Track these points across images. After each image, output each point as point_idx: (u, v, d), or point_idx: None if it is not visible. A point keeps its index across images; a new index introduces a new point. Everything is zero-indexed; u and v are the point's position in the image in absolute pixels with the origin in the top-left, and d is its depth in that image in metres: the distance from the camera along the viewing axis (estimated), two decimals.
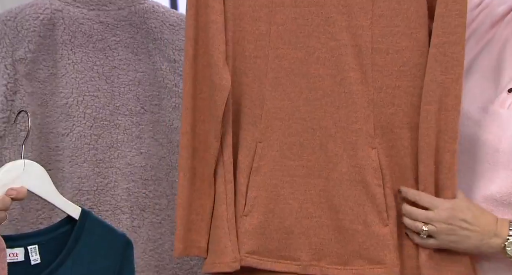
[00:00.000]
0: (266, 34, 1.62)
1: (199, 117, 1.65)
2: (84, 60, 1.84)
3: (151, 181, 1.88)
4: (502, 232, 1.54)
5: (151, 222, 1.87)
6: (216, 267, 1.61)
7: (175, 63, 1.91)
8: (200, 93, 1.65)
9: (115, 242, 1.52)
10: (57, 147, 1.82)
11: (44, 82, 1.82)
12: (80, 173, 1.82)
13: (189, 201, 1.63)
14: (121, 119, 1.86)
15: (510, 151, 1.57)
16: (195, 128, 1.65)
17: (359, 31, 1.60)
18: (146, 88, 1.89)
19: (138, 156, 1.87)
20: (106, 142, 1.85)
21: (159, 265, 1.87)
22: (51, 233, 1.50)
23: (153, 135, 1.89)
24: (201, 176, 1.64)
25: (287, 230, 1.61)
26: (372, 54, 1.60)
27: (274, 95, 1.62)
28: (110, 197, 1.84)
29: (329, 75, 1.61)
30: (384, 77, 1.61)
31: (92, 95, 1.84)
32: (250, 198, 1.62)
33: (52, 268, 1.46)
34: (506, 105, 1.60)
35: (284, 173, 1.61)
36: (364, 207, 1.59)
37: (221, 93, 1.61)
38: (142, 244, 1.85)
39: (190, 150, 1.64)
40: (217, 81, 1.61)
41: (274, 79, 1.62)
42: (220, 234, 1.60)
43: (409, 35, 1.60)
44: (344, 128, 1.60)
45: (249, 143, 1.63)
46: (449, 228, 1.54)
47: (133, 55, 1.88)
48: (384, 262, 1.58)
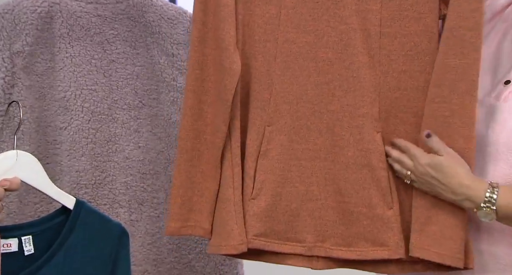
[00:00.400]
0: (276, 17, 1.62)
1: (206, 100, 1.64)
2: (82, 54, 1.84)
3: (149, 175, 1.88)
4: (476, 197, 1.54)
5: (149, 216, 1.87)
6: (222, 249, 1.61)
7: (174, 57, 1.90)
8: (207, 76, 1.64)
9: (110, 232, 1.52)
10: (55, 140, 1.82)
11: (42, 76, 1.81)
12: (78, 167, 1.82)
13: (190, 182, 1.63)
14: (119, 113, 1.86)
15: (506, 144, 1.57)
16: (200, 111, 1.64)
17: (369, 15, 1.61)
18: (144, 82, 1.89)
19: (136, 150, 1.87)
20: (104, 136, 1.85)
21: (157, 259, 1.87)
22: (46, 223, 1.50)
23: (151, 129, 1.89)
24: (207, 159, 1.63)
25: (294, 212, 1.62)
26: (381, 38, 1.61)
27: (283, 79, 1.62)
28: (108, 191, 1.84)
29: (338, 59, 1.62)
30: (391, 61, 1.61)
31: (90, 88, 1.84)
32: (258, 181, 1.62)
33: (45, 258, 1.47)
34: (502, 98, 1.60)
35: (292, 157, 1.62)
36: (369, 190, 1.60)
37: (231, 78, 1.61)
38: (140, 238, 1.85)
39: (191, 132, 1.64)
40: (228, 65, 1.61)
41: (283, 63, 1.62)
42: (227, 217, 1.60)
43: (418, 20, 1.61)
44: (351, 112, 1.61)
45: (257, 127, 1.64)
46: (425, 181, 1.57)
47: (131, 49, 1.88)
48: (387, 244, 1.59)
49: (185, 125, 1.64)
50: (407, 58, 1.61)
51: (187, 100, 1.64)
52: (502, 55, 1.66)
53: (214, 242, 1.63)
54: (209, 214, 1.63)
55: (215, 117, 1.63)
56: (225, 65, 1.61)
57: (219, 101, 1.63)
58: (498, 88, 1.63)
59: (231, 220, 1.60)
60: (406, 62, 1.61)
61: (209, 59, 1.64)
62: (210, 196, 1.63)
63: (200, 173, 1.63)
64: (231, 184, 1.61)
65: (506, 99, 1.60)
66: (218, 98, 1.63)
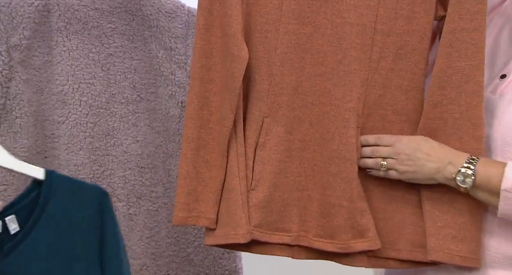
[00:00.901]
0: (278, 8, 1.62)
1: (211, 89, 1.63)
2: (80, 47, 1.83)
3: (147, 169, 1.88)
4: (457, 162, 1.55)
5: (147, 210, 1.87)
6: (230, 238, 1.60)
7: (172, 51, 1.90)
8: (213, 64, 1.63)
9: (88, 195, 1.50)
10: (53, 134, 1.82)
11: (40, 69, 1.81)
12: (76, 161, 1.82)
13: (195, 172, 1.62)
14: (117, 107, 1.86)
15: (502, 138, 1.57)
16: (206, 100, 1.63)
17: (366, 11, 1.61)
18: (142, 76, 1.88)
19: (135, 144, 1.86)
20: (102, 130, 1.85)
21: (155, 253, 1.87)
22: (24, 199, 1.48)
23: (149, 123, 1.88)
24: (211, 148, 1.63)
25: (284, 202, 1.62)
26: (375, 34, 1.62)
27: (282, 70, 1.62)
28: (107, 185, 1.84)
29: (332, 52, 1.62)
30: (381, 59, 1.62)
31: (87, 82, 1.83)
32: (256, 172, 1.62)
33: (25, 231, 1.46)
34: (498, 92, 1.60)
35: (286, 148, 1.62)
36: (351, 184, 1.60)
37: (239, 65, 1.60)
38: (138, 231, 1.85)
39: (197, 121, 1.63)
40: (236, 53, 1.60)
41: (283, 54, 1.62)
42: (235, 207, 1.60)
43: (412, 19, 1.62)
44: (339, 107, 1.62)
45: (256, 118, 1.63)
46: (406, 158, 1.57)
47: (129, 43, 1.88)
48: (367, 236, 1.60)
49: (191, 114, 1.63)
50: (397, 57, 1.62)
51: (193, 88, 1.63)
52: (499, 49, 1.66)
53: (221, 232, 1.62)
54: (214, 204, 1.62)
55: (221, 106, 1.62)
56: (233, 53, 1.61)
57: (226, 89, 1.62)
58: (494, 82, 1.63)
59: (238, 209, 1.59)
60: (395, 60, 1.62)
61: (215, 47, 1.63)
62: (216, 186, 1.62)
63: (205, 163, 1.62)
64: (237, 174, 1.61)
65: (502, 93, 1.60)
66: (224, 86, 1.62)
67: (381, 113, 1.63)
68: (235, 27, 1.60)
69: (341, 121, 1.61)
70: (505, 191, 1.50)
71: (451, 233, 1.58)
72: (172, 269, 1.88)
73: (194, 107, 1.63)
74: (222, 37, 1.62)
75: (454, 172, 1.54)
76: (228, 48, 1.61)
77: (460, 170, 1.54)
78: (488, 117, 1.60)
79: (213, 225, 1.62)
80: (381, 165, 1.60)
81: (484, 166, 1.54)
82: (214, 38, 1.63)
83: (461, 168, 1.54)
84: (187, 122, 1.63)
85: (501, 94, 1.60)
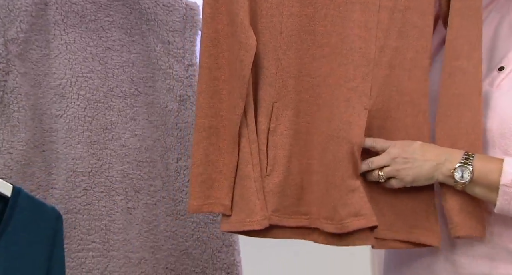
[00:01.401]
0: None
1: (220, 77, 1.62)
2: (77, 41, 1.83)
3: (145, 163, 1.87)
4: (454, 158, 1.55)
5: (146, 204, 1.87)
6: (246, 225, 1.59)
7: (169, 45, 1.90)
8: (221, 52, 1.62)
9: (46, 216, 1.52)
10: (51, 128, 1.81)
11: (37, 63, 1.81)
12: (74, 155, 1.81)
13: (208, 160, 1.62)
14: (115, 101, 1.85)
15: (499, 131, 1.57)
16: (216, 88, 1.63)
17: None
18: (140, 70, 1.88)
19: (133, 138, 1.86)
20: (100, 124, 1.84)
21: (154, 246, 1.86)
22: None
23: (147, 117, 1.88)
24: (223, 136, 1.62)
25: (298, 186, 1.62)
26: (379, 12, 1.61)
27: (289, 53, 1.62)
28: (105, 179, 1.83)
29: (335, 32, 1.61)
30: (386, 37, 1.61)
31: (85, 76, 1.83)
32: (270, 158, 1.62)
33: None
34: (495, 84, 1.60)
35: (296, 131, 1.62)
36: (343, 163, 1.59)
37: (247, 52, 1.59)
38: (137, 225, 1.85)
39: (208, 110, 1.62)
40: (244, 40, 1.59)
41: (288, 38, 1.61)
42: (249, 193, 1.59)
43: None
44: (341, 86, 1.61)
45: (267, 104, 1.63)
46: (403, 161, 1.57)
47: (127, 36, 1.87)
48: (361, 214, 1.58)
49: (201, 102, 1.62)
50: (399, 34, 1.61)
51: (202, 77, 1.62)
52: (498, 42, 1.66)
53: (236, 219, 1.61)
54: (229, 190, 1.61)
55: (230, 94, 1.62)
56: (241, 40, 1.60)
57: (235, 77, 1.61)
58: (492, 75, 1.62)
59: (253, 196, 1.59)
60: (398, 38, 1.61)
61: (222, 35, 1.62)
62: (229, 173, 1.62)
63: (218, 150, 1.62)
64: (250, 160, 1.60)
65: (499, 86, 1.60)
66: (233, 74, 1.62)
67: (387, 93, 1.62)
68: (242, 15, 1.59)
69: (342, 100, 1.60)
70: (504, 186, 1.50)
71: (467, 210, 1.58)
72: (170, 262, 1.88)
73: (205, 96, 1.62)
74: (228, 25, 1.61)
75: (452, 168, 1.54)
76: (235, 36, 1.60)
77: (457, 166, 1.54)
78: (485, 109, 1.59)
79: (228, 212, 1.61)
80: (379, 176, 1.59)
81: (481, 161, 1.54)
82: (221, 26, 1.62)
83: (458, 164, 1.54)
84: (198, 111, 1.62)
85: (499, 87, 1.60)
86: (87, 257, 1.80)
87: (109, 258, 1.81)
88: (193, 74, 1.92)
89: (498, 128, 1.57)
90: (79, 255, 1.80)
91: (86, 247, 1.80)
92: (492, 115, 1.58)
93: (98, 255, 1.81)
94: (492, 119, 1.58)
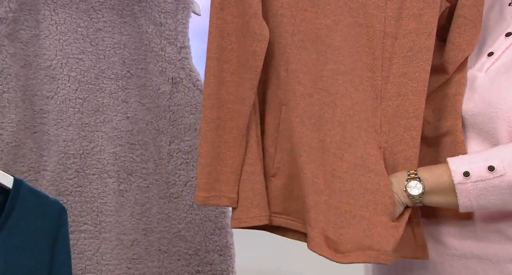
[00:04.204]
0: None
1: (228, 68, 1.58)
2: (68, 21, 1.81)
3: (138, 146, 1.86)
4: (400, 178, 1.53)
5: (138, 186, 1.86)
6: (263, 219, 1.57)
7: (162, 27, 1.88)
8: (229, 43, 1.58)
9: (49, 210, 1.51)
10: (42, 110, 1.80)
11: (27, 43, 1.79)
12: (65, 137, 1.80)
13: (215, 152, 1.59)
14: (106, 83, 1.84)
15: (485, 115, 1.55)
16: (223, 80, 1.59)
17: (374, 11, 1.55)
18: (131, 52, 1.87)
19: (125, 121, 1.85)
20: (92, 106, 1.83)
21: (146, 228, 1.85)
22: None
23: (139, 100, 1.87)
24: (230, 128, 1.58)
25: (301, 197, 1.56)
26: (384, 38, 1.55)
27: (299, 58, 1.56)
28: (96, 161, 1.82)
29: (348, 52, 1.55)
30: (391, 65, 1.55)
31: (76, 57, 1.82)
32: (277, 160, 1.59)
33: None
34: (484, 69, 1.59)
35: (303, 141, 1.55)
36: (375, 196, 1.52)
37: (261, 43, 1.55)
38: (129, 207, 1.84)
39: (215, 101, 1.58)
40: (258, 31, 1.55)
41: (300, 42, 1.56)
42: (263, 189, 1.57)
43: (418, 17, 1.55)
44: (360, 112, 1.54)
45: (276, 105, 1.59)
46: None
47: (118, 17, 1.86)
48: (383, 249, 1.49)
49: (209, 94, 1.58)
50: (406, 60, 1.55)
51: (210, 68, 1.58)
52: (488, 27, 1.65)
53: (252, 214, 1.57)
54: (235, 183, 1.58)
55: (239, 86, 1.58)
56: (255, 31, 1.55)
57: (245, 68, 1.57)
58: (482, 60, 1.61)
59: (265, 192, 1.57)
60: (405, 64, 1.55)
61: (231, 27, 1.58)
62: (235, 166, 1.58)
63: (224, 143, 1.58)
64: (258, 156, 1.58)
65: (488, 71, 1.59)
66: (241, 66, 1.58)
67: (404, 123, 1.55)
68: (256, 5, 1.55)
69: (363, 129, 1.53)
70: (459, 184, 1.48)
71: None
72: (163, 244, 1.87)
73: (212, 87, 1.58)
74: (238, 17, 1.58)
75: (403, 184, 1.52)
76: (248, 27, 1.56)
77: (407, 182, 1.52)
78: (473, 93, 1.58)
79: (234, 205, 1.59)
80: None
81: (425, 171, 1.52)
82: (230, 17, 1.58)
83: (407, 179, 1.52)
84: (206, 102, 1.58)
85: (488, 72, 1.59)
86: (79, 238, 1.79)
87: (101, 240, 1.80)
88: (185, 56, 1.91)
89: (486, 112, 1.55)
90: (71, 237, 1.79)
91: (78, 228, 1.79)
92: (480, 99, 1.57)
93: (90, 236, 1.80)
94: (480, 103, 1.57)
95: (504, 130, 1.52)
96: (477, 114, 1.56)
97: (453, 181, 1.48)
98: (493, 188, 1.47)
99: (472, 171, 1.48)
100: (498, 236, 1.54)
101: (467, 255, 1.57)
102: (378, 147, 1.55)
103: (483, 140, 1.56)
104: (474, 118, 1.56)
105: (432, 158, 1.60)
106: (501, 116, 1.52)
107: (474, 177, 1.48)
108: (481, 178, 1.47)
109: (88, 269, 1.79)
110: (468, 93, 1.58)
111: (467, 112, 1.57)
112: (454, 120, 1.58)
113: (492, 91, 1.55)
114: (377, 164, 1.53)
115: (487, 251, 1.55)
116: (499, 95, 1.53)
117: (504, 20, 1.63)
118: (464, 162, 1.49)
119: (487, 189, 1.47)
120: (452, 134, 1.58)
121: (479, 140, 1.56)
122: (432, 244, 1.60)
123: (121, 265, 1.82)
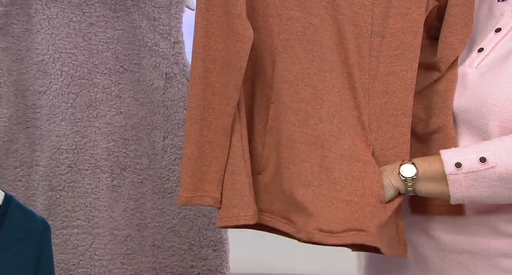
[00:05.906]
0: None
1: (213, 69, 1.59)
2: (60, 16, 1.81)
3: (131, 141, 1.85)
4: (393, 166, 1.53)
5: (132, 182, 1.85)
6: (241, 219, 1.56)
7: (155, 21, 1.88)
8: (215, 44, 1.58)
9: (34, 227, 1.49)
10: (34, 104, 1.80)
11: (19, 38, 1.79)
12: (58, 132, 1.80)
13: (199, 152, 1.59)
14: (99, 78, 1.84)
15: (475, 110, 1.55)
16: (208, 80, 1.59)
17: (361, 10, 1.56)
18: (125, 47, 1.86)
19: (118, 116, 1.84)
20: (85, 101, 1.82)
21: (140, 224, 1.85)
22: None
23: (133, 95, 1.86)
24: (215, 128, 1.59)
25: (286, 193, 1.57)
26: (371, 37, 1.56)
27: (285, 57, 1.57)
28: (90, 156, 1.82)
29: (337, 51, 1.56)
30: (379, 64, 1.56)
31: (69, 52, 1.81)
32: (264, 157, 1.59)
33: None
34: (475, 65, 1.59)
35: (287, 138, 1.57)
36: (363, 182, 1.53)
37: (244, 44, 1.55)
38: (122, 203, 1.84)
39: (200, 101, 1.59)
40: (242, 32, 1.55)
41: (286, 41, 1.57)
42: (244, 188, 1.56)
43: (405, 15, 1.56)
44: (347, 108, 1.56)
45: (264, 103, 1.60)
46: None
47: (111, 12, 1.85)
48: (368, 230, 1.51)
49: (194, 94, 1.58)
50: (394, 58, 1.56)
51: (195, 68, 1.58)
52: (478, 24, 1.65)
53: (231, 213, 1.57)
54: (218, 183, 1.58)
55: (223, 86, 1.58)
56: (239, 31, 1.55)
57: (229, 69, 1.57)
58: (472, 56, 1.61)
59: (248, 191, 1.56)
60: (393, 62, 1.56)
61: (215, 27, 1.58)
62: (219, 166, 1.59)
63: (209, 143, 1.59)
64: (242, 157, 1.58)
65: (478, 67, 1.59)
66: (226, 66, 1.58)
67: (392, 120, 1.57)
68: (240, 6, 1.55)
69: (351, 125, 1.55)
70: (451, 175, 1.48)
71: None
72: (157, 239, 1.87)
73: (197, 88, 1.58)
74: (223, 17, 1.58)
75: (397, 168, 1.52)
76: (232, 27, 1.56)
77: (400, 165, 1.52)
78: (464, 89, 1.58)
79: (218, 204, 1.59)
80: None
81: (419, 159, 1.52)
82: (215, 18, 1.58)
83: (400, 164, 1.52)
84: (190, 102, 1.59)
85: (478, 68, 1.59)
86: (72, 234, 1.79)
87: (94, 235, 1.80)
88: (179, 51, 1.90)
89: (477, 108, 1.55)
90: (64, 232, 1.79)
91: (71, 224, 1.79)
92: (471, 95, 1.57)
93: (83, 232, 1.79)
94: (471, 99, 1.57)
95: (495, 125, 1.52)
96: (468, 110, 1.56)
97: (445, 171, 1.48)
98: (484, 180, 1.47)
99: (464, 162, 1.48)
100: (489, 230, 1.54)
101: (458, 250, 1.56)
102: (366, 143, 1.56)
103: (474, 136, 1.56)
104: (465, 114, 1.56)
105: (424, 154, 1.59)
106: (492, 112, 1.52)
107: (465, 168, 1.47)
108: (472, 169, 1.47)
109: (81, 264, 1.79)
110: (459, 89, 1.58)
111: (458, 108, 1.57)
112: (445, 117, 1.58)
113: (482, 87, 1.55)
114: (364, 155, 1.54)
115: (478, 246, 1.54)
116: (490, 90, 1.53)
117: (493, 16, 1.63)
118: (456, 154, 1.49)
119: (478, 180, 1.47)
120: (443, 130, 1.58)
121: (470, 135, 1.56)
122: (424, 239, 1.60)
123: (115, 261, 1.81)
